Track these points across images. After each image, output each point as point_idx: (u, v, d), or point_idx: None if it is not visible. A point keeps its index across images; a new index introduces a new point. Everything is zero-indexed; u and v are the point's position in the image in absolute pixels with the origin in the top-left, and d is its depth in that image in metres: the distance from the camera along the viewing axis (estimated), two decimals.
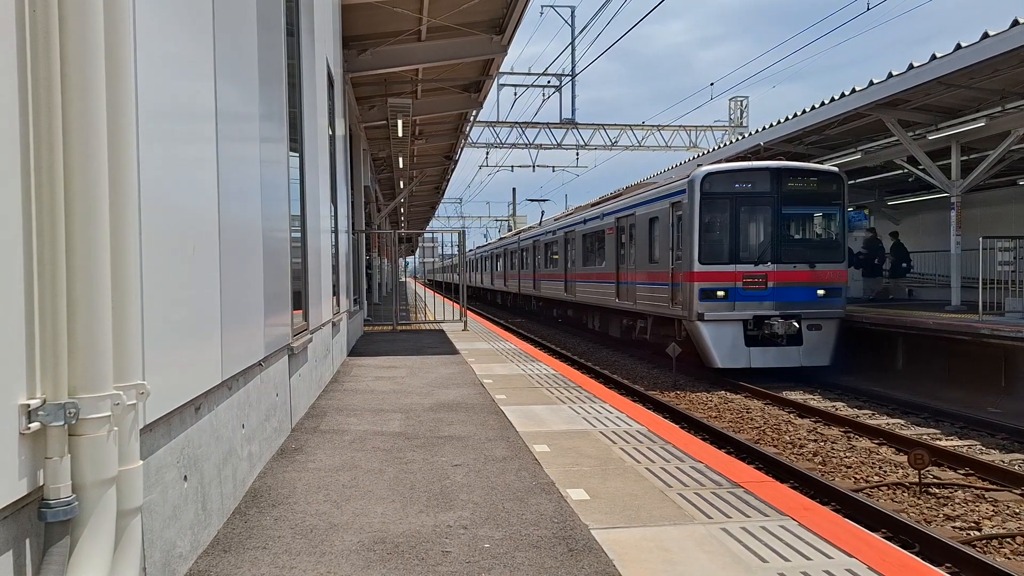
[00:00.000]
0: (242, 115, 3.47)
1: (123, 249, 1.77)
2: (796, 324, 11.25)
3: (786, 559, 2.65)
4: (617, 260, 15.27)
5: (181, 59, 2.55)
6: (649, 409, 9.53)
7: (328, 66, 7.71)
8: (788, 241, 11.57)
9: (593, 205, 18.58)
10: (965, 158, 13.14)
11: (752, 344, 11.27)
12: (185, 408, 2.50)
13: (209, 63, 2.87)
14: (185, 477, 2.52)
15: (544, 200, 40.54)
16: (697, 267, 11.34)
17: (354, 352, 9.85)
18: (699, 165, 12.61)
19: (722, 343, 11.22)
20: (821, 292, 11.47)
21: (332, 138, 8.15)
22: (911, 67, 10.88)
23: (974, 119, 11.87)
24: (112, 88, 1.71)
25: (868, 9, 13.21)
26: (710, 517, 3.10)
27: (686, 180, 11.81)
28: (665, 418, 8.64)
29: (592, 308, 17.90)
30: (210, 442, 2.84)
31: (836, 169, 12.08)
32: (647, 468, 3.88)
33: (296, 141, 5.48)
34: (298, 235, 5.52)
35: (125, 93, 1.77)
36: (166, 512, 2.31)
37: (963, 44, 9.99)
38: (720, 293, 11.25)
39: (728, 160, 14.88)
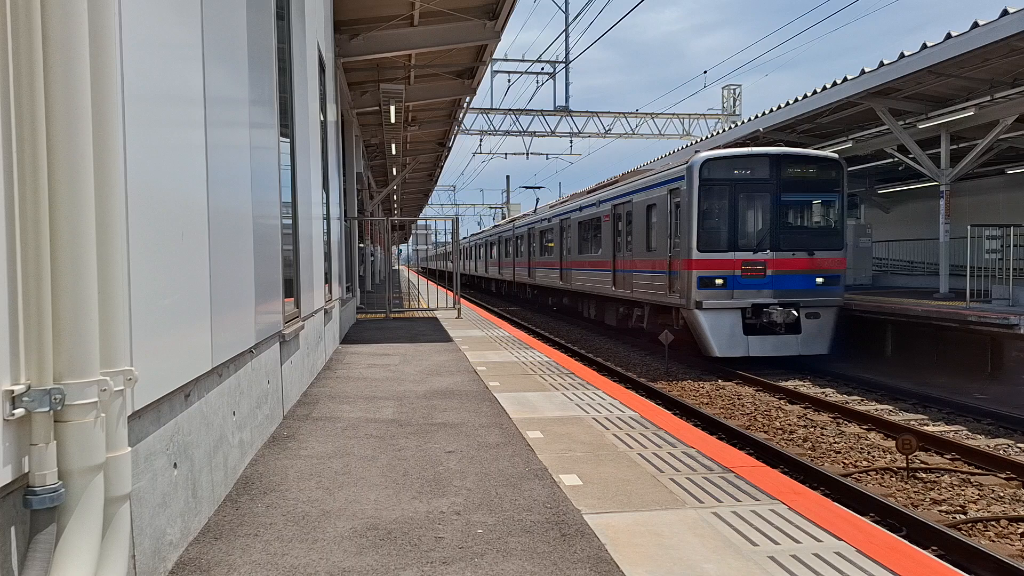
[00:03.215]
0: (231, 100, 3.42)
1: (109, 233, 1.73)
2: (795, 312, 11.12)
3: (776, 542, 2.68)
4: (613, 248, 15.10)
5: (168, 42, 2.49)
6: (642, 396, 9.58)
7: (319, 50, 7.61)
8: (787, 228, 11.43)
9: (589, 192, 18.35)
10: (954, 147, 13.22)
11: (750, 333, 11.14)
12: (174, 395, 2.48)
13: (197, 46, 2.82)
14: (175, 464, 2.50)
15: (539, 187, 40.32)
16: (695, 255, 11.19)
17: (347, 339, 9.83)
18: (696, 152, 12.41)
19: (720, 332, 11.08)
20: (820, 280, 11.34)
21: (324, 124, 8.07)
22: (902, 56, 10.90)
23: (964, 108, 11.93)
24: (96, 71, 1.67)
25: None
26: (701, 502, 3.12)
27: (684, 166, 11.63)
28: (657, 405, 8.68)
29: (588, 296, 17.73)
30: (200, 429, 2.82)
31: (836, 156, 11.89)
32: (639, 454, 3.89)
33: (287, 127, 5.41)
34: (289, 222, 5.47)
35: (110, 76, 1.73)
36: (155, 500, 2.29)
37: (953, 33, 10.01)
38: (718, 281, 11.11)
39: (723, 147, 14.76)
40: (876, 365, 11.60)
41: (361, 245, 17.54)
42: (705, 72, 23.14)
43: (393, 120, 13.55)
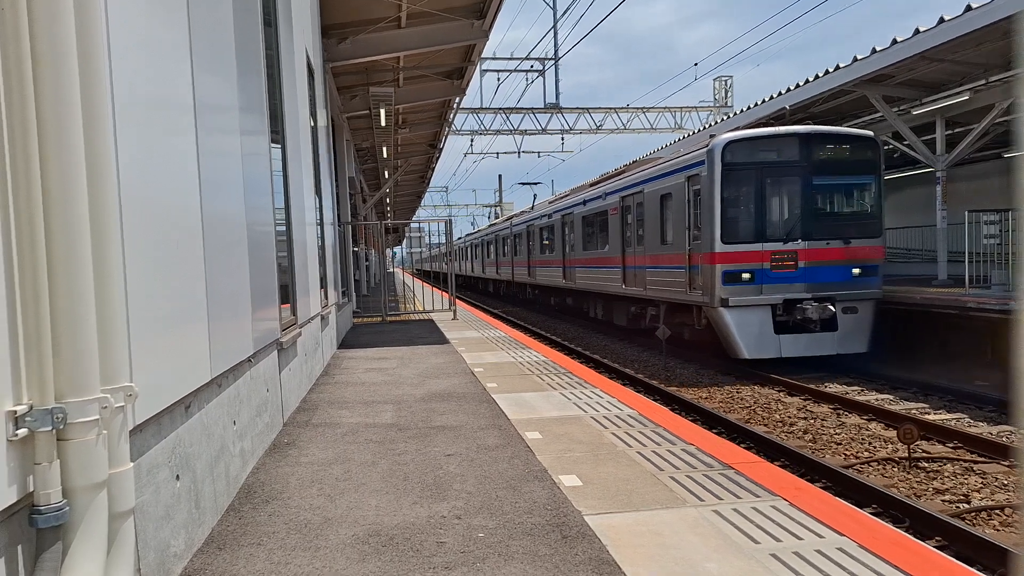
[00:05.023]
0: (221, 107, 3.42)
1: (105, 247, 1.74)
2: (831, 308, 10.14)
3: (778, 539, 2.69)
4: (623, 243, 14.08)
5: (156, 49, 2.49)
6: (640, 392, 9.60)
7: (308, 56, 7.60)
8: (819, 215, 10.43)
9: (593, 184, 17.12)
10: (950, 132, 13.22)
11: (781, 331, 10.19)
12: (175, 407, 2.48)
13: (185, 53, 2.82)
14: (177, 476, 2.50)
15: (536, 183, 40.24)
16: (719, 247, 10.21)
17: (344, 344, 9.82)
18: (712, 136, 11.26)
19: (748, 331, 10.10)
20: (856, 271, 10.38)
21: (314, 129, 8.06)
22: (895, 42, 10.86)
23: (958, 93, 11.92)
24: (86, 80, 1.67)
25: None
26: (702, 500, 3.13)
27: (704, 150, 10.59)
28: (656, 401, 8.72)
29: (594, 295, 16.69)
30: (201, 440, 2.83)
31: (871, 133, 10.92)
32: (639, 452, 3.91)
33: (277, 133, 5.41)
34: (283, 228, 5.47)
35: (99, 85, 1.73)
36: (159, 512, 2.30)
37: (946, 17, 10.01)
38: (745, 275, 10.13)
39: (742, 128, 13.29)
40: (875, 354, 11.63)
41: (356, 249, 17.52)
42: (696, 64, 23.19)
43: (384, 123, 13.53)
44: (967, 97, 11.76)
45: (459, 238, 43.57)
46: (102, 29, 1.80)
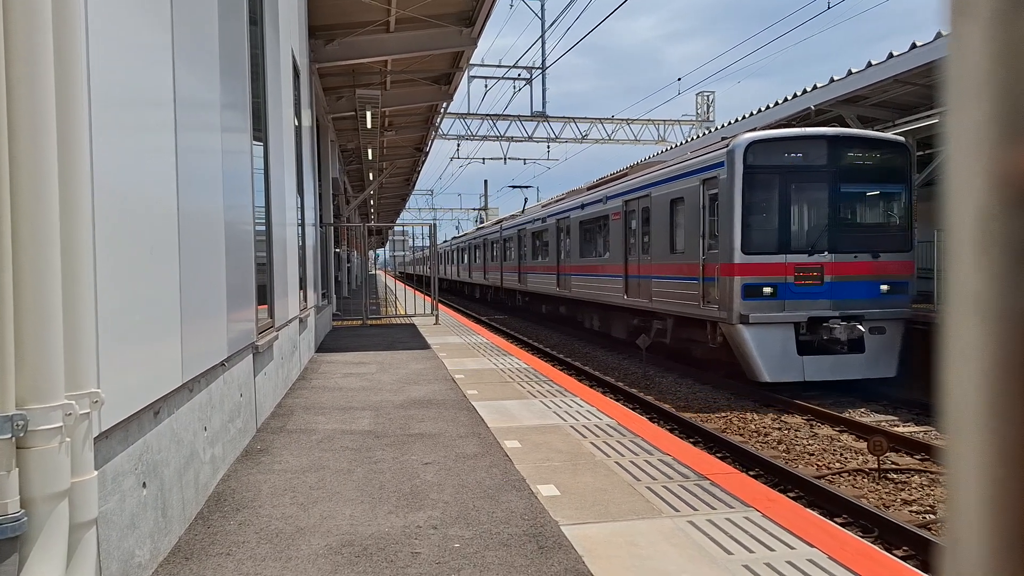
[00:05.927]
0: (202, 104, 3.37)
1: (75, 246, 1.70)
2: (860, 327, 9.22)
3: (750, 551, 2.71)
4: (626, 250, 13.07)
5: (137, 44, 2.45)
6: (619, 401, 9.63)
7: (294, 56, 7.54)
8: (847, 226, 9.50)
9: (591, 188, 16.17)
10: (921, 153, 13.58)
11: (805, 352, 9.23)
12: (143, 413, 2.42)
13: (167, 50, 2.78)
14: (144, 484, 2.44)
15: (527, 187, 40.05)
16: (739, 257, 9.20)
17: (322, 348, 9.72)
18: (723, 138, 10.34)
19: (770, 351, 9.14)
20: (885, 288, 9.49)
21: (298, 129, 7.99)
22: (869, 65, 11.17)
23: (929, 115, 12.26)
24: (62, 76, 1.63)
25: (828, 8, 13.52)
26: (677, 510, 3.14)
27: (723, 150, 9.58)
28: (635, 409, 8.74)
29: (591, 305, 15.58)
30: (170, 447, 2.76)
31: (902, 139, 10.02)
32: (616, 462, 3.91)
33: (260, 131, 5.35)
34: (263, 228, 5.41)
35: (76, 81, 1.69)
36: (124, 521, 2.24)
37: (918, 43, 10.30)
38: (767, 289, 9.18)
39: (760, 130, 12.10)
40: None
41: (337, 250, 17.37)
42: (679, 79, 23.53)
43: (370, 125, 13.46)
44: (938, 120, 12.01)
45: (444, 241, 43.37)
46: (80, 23, 1.76)
